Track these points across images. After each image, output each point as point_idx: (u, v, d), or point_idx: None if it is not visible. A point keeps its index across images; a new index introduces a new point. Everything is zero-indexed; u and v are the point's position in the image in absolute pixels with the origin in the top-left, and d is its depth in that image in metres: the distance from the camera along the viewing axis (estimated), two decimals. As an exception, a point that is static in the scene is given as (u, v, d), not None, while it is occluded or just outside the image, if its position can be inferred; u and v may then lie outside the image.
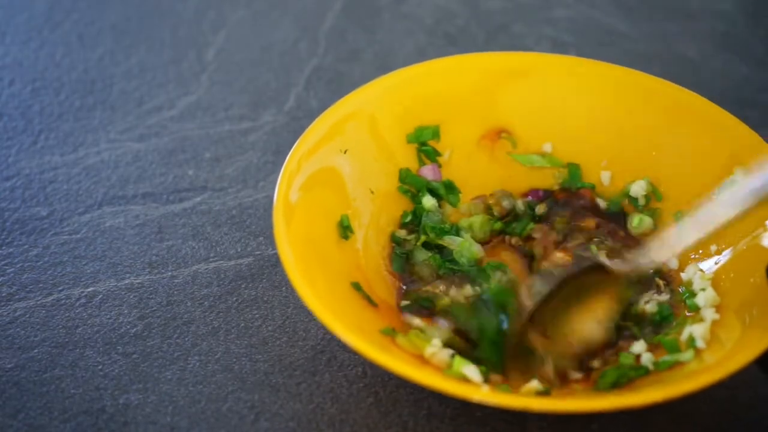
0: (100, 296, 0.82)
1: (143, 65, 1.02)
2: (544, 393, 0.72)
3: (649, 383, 0.72)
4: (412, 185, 0.84)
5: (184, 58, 1.03)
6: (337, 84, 1.00)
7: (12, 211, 0.88)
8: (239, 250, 0.85)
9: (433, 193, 0.84)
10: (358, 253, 0.79)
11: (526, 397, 0.71)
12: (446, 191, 0.84)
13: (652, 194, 0.83)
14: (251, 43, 1.05)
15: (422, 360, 0.73)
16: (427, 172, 0.84)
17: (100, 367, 0.77)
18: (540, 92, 0.86)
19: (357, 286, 0.77)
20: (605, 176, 0.85)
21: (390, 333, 0.74)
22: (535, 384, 0.72)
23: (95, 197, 0.89)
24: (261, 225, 0.87)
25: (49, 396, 0.76)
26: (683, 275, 0.79)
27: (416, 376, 0.68)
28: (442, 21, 1.08)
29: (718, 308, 0.75)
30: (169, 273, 0.84)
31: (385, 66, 0.99)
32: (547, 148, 0.85)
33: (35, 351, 0.78)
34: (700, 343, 0.73)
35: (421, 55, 1.02)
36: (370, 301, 0.76)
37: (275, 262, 0.84)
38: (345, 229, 0.79)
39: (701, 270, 0.78)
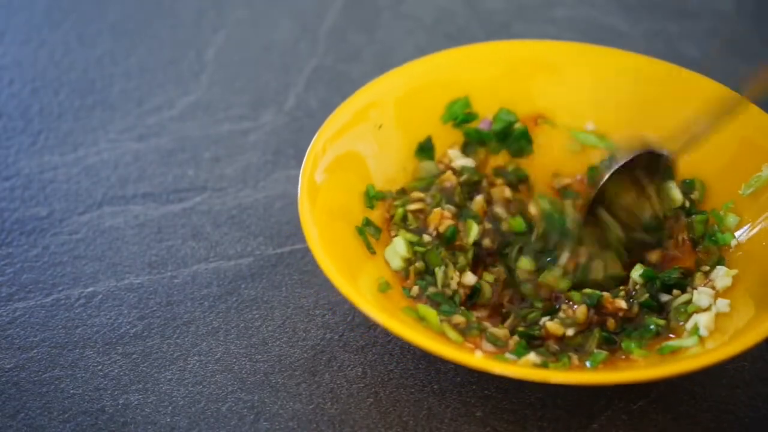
0: (100, 296, 0.82)
1: (143, 65, 1.02)
2: (542, 366, 0.72)
3: (653, 364, 0.73)
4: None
5: (183, 58, 1.03)
6: (337, 84, 1.00)
7: (12, 211, 0.88)
8: (239, 250, 0.85)
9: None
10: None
11: (531, 369, 0.71)
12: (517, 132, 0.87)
13: (699, 191, 0.83)
14: (251, 43, 1.05)
15: (447, 339, 0.74)
16: (485, 125, 0.86)
17: (99, 367, 0.77)
18: (573, 79, 0.87)
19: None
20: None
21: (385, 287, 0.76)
22: (532, 357, 0.73)
23: (95, 197, 0.89)
24: (261, 225, 0.87)
25: (49, 396, 0.76)
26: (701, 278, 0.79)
27: (450, 354, 0.69)
28: (442, 21, 1.08)
29: (731, 295, 0.76)
30: (169, 273, 0.84)
31: (385, 66, 0.99)
32: (590, 127, 0.86)
33: (35, 351, 0.78)
34: (703, 332, 0.74)
35: (421, 55, 1.01)
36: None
37: (275, 262, 0.84)
38: (371, 199, 0.80)
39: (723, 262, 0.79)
